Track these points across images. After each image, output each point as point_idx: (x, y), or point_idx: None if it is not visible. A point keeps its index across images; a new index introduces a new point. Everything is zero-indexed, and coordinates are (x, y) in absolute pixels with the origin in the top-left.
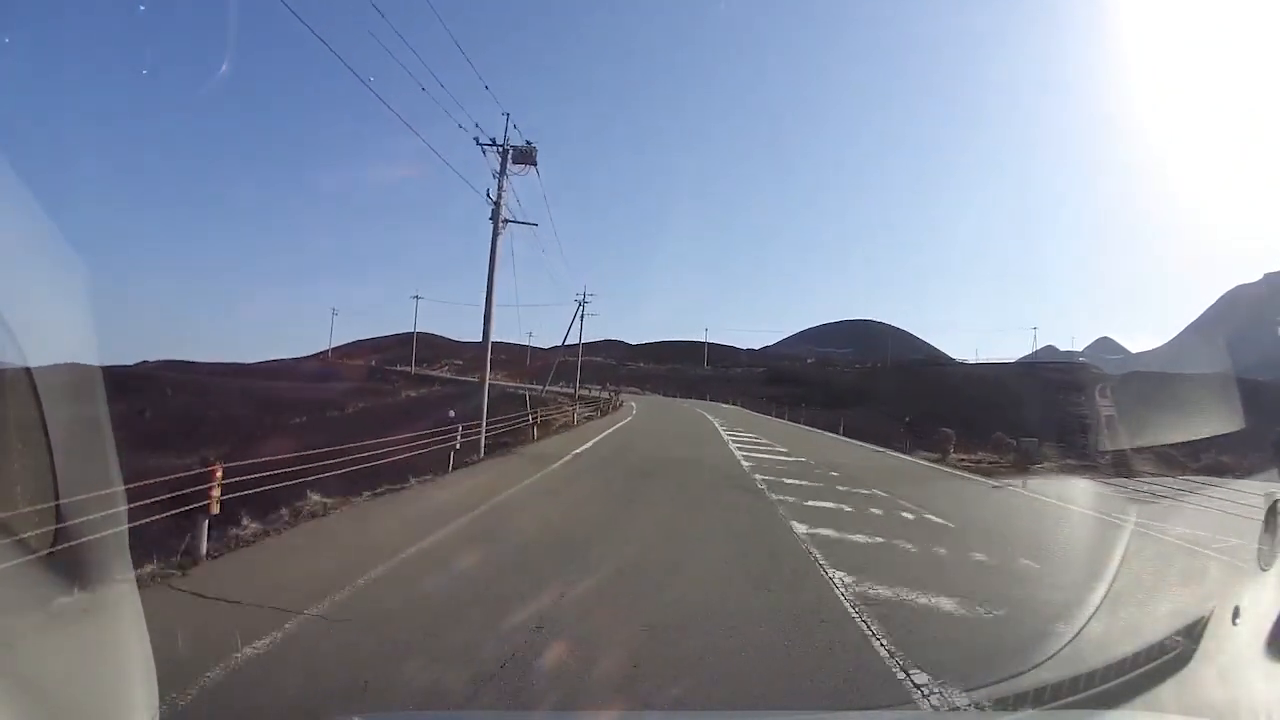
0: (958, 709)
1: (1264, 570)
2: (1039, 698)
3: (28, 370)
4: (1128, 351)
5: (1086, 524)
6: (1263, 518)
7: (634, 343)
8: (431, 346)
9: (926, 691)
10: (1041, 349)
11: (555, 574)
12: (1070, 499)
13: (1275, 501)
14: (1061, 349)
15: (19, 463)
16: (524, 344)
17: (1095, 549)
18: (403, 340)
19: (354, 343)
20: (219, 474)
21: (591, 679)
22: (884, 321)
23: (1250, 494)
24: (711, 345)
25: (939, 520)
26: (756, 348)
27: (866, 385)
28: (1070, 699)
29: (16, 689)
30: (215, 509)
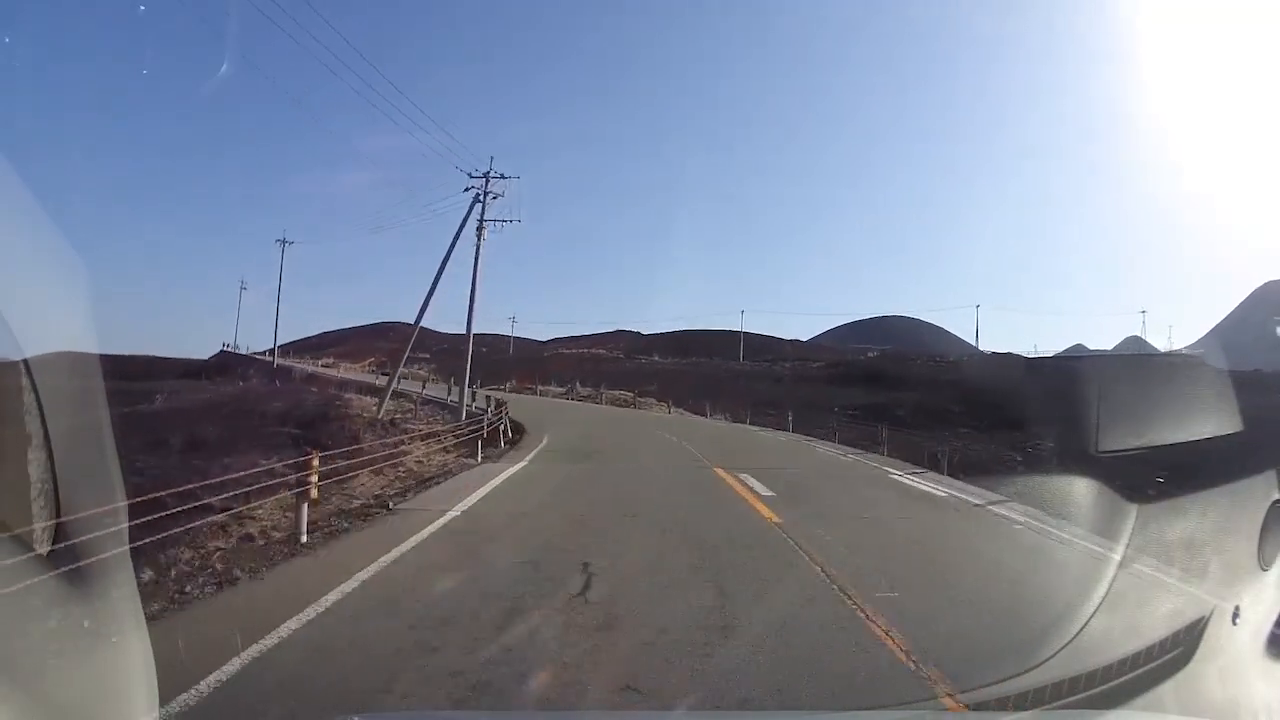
0: (957, 709)
1: (1264, 570)
2: (1039, 698)
3: (25, 364)
4: (1156, 349)
5: None
6: (1263, 518)
7: (648, 332)
8: (403, 337)
9: None
10: (1071, 347)
11: None
12: None
13: (1275, 502)
14: (1091, 346)
15: (15, 460)
16: (504, 333)
17: None
18: (375, 330)
19: (321, 334)
20: None
21: None
22: (909, 316)
23: None
24: (745, 334)
25: None
26: (804, 339)
27: (1006, 386)
28: (1070, 699)
29: (16, 691)
30: None
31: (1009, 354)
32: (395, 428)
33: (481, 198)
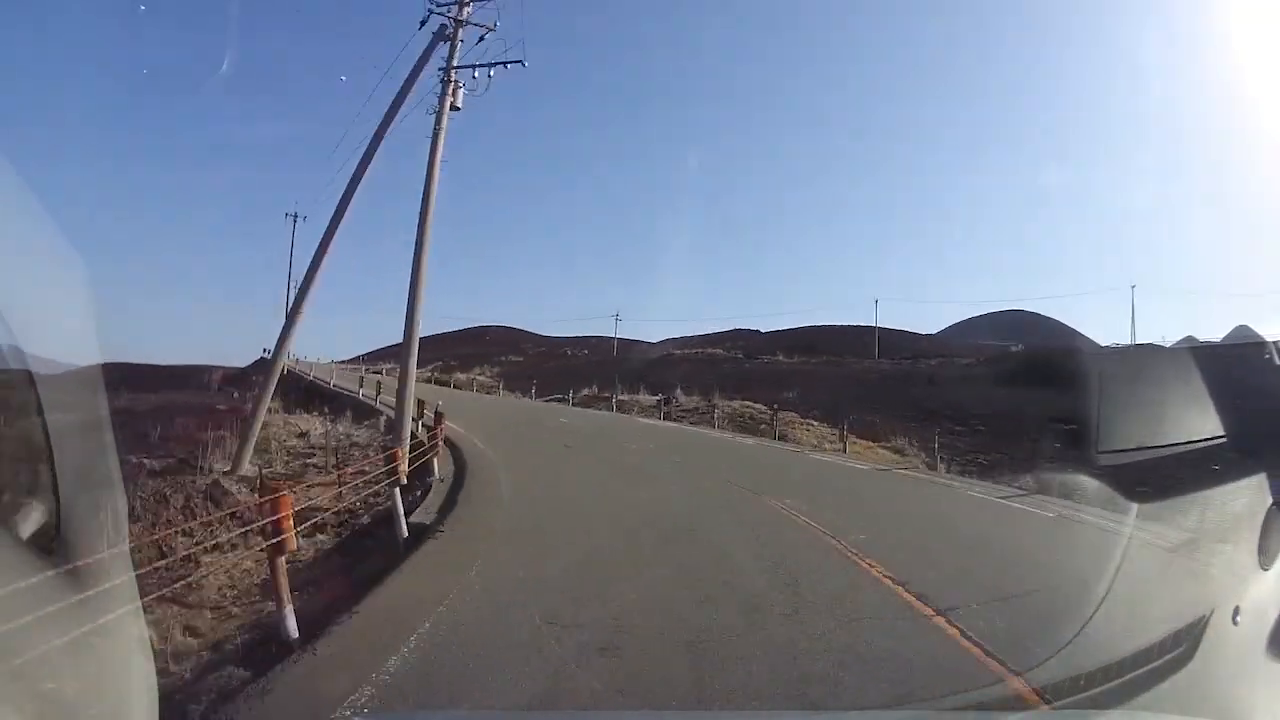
0: (958, 709)
1: (1264, 570)
2: (1039, 698)
3: (28, 372)
4: (1263, 339)
5: None
6: (1263, 519)
7: (767, 330)
8: (500, 342)
9: None
10: (1182, 339)
11: None
12: None
13: (1275, 503)
14: (1200, 338)
15: (17, 461)
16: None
17: None
18: (469, 335)
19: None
20: None
21: None
22: (1025, 309)
23: None
24: (871, 329)
25: None
26: (934, 332)
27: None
28: (1070, 699)
29: (15, 694)
30: None
31: (1149, 345)
32: (213, 502)
33: (450, 30)
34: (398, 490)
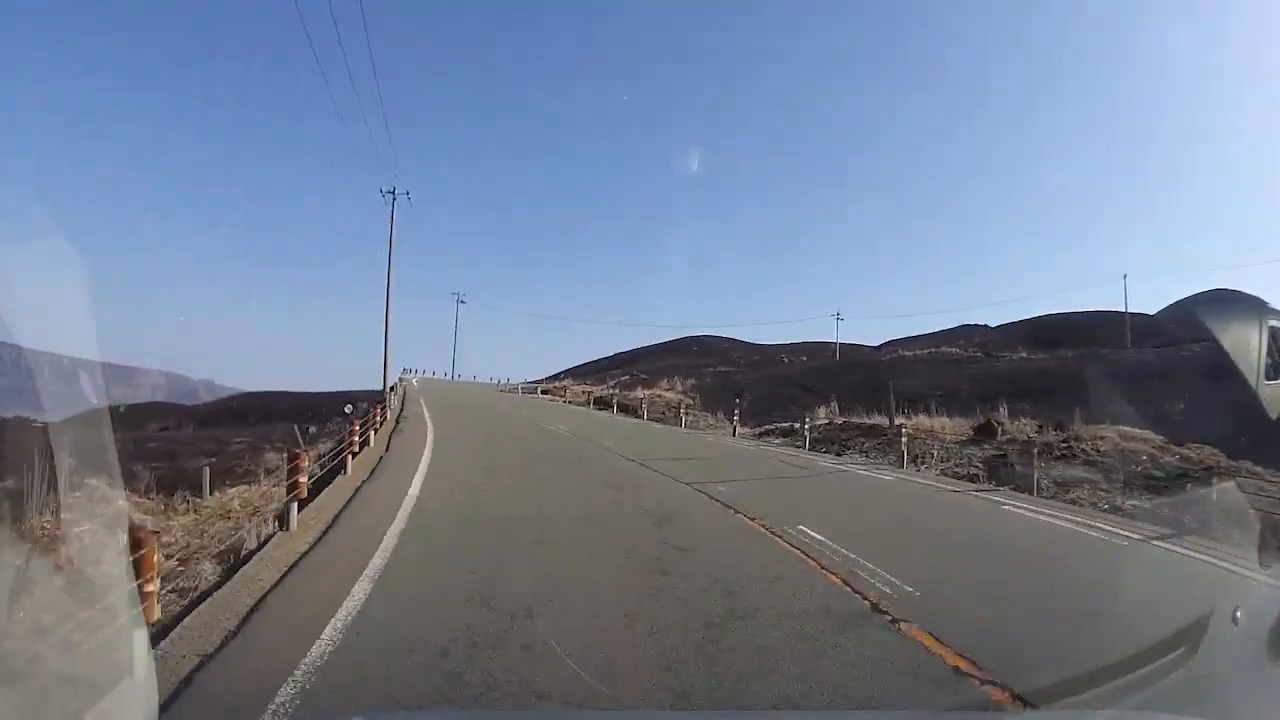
0: (958, 709)
1: (1264, 570)
2: (1039, 698)
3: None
4: None
5: None
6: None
7: (997, 324)
8: (710, 352)
9: None
10: None
11: None
12: None
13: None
14: None
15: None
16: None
17: None
18: (674, 346)
19: (614, 355)
20: None
21: None
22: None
23: None
24: (1114, 314)
25: None
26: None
27: None
28: (1070, 699)
29: (13, 690)
30: None
31: None
32: None
33: None
34: None
